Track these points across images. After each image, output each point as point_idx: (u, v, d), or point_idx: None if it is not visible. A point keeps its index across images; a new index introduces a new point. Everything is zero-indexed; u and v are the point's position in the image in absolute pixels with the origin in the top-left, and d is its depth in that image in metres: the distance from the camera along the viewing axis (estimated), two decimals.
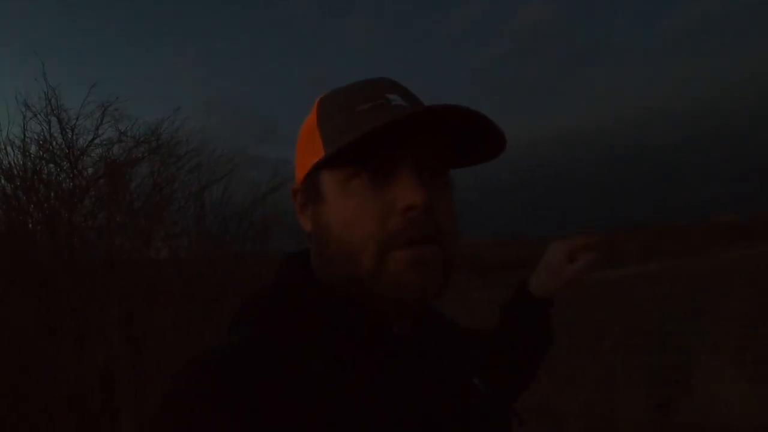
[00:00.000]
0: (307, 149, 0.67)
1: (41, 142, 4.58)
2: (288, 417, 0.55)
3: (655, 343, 6.47)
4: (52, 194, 4.50)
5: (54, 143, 4.62)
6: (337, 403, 0.58)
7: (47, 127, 4.61)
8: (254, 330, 0.64)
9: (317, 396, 0.58)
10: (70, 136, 4.68)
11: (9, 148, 4.49)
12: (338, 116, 0.64)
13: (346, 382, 0.60)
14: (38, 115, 4.56)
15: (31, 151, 4.55)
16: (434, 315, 0.82)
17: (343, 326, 0.64)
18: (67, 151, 4.64)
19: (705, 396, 4.44)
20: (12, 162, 4.48)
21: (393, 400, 0.62)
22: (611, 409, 4.53)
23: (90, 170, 4.83)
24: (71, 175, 4.62)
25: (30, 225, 4.45)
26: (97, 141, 4.84)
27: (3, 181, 4.43)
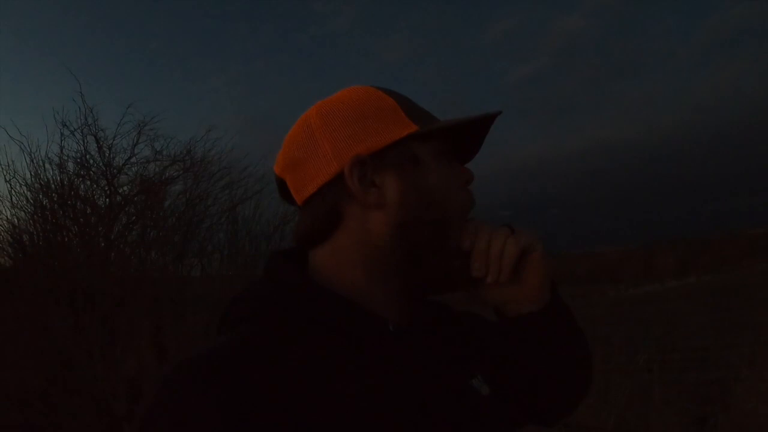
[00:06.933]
0: (381, 122, 0.68)
1: (78, 159, 4.73)
2: (282, 417, 0.55)
3: (692, 359, 6.30)
4: (88, 210, 4.63)
5: (91, 161, 4.78)
6: (332, 402, 0.58)
7: (83, 146, 4.76)
8: (248, 329, 0.64)
9: (312, 396, 0.58)
10: (107, 154, 4.83)
11: (47, 165, 4.65)
12: (410, 102, 0.72)
13: (342, 380, 0.61)
14: (75, 134, 4.71)
15: (68, 168, 4.71)
16: (438, 309, 0.81)
17: (338, 324, 0.64)
18: (104, 168, 4.78)
19: (744, 412, 4.31)
20: (50, 178, 4.64)
21: (388, 399, 0.62)
22: (646, 427, 4.42)
23: (126, 188, 4.97)
24: (108, 192, 4.75)
25: (67, 238, 4.57)
26: (133, 159, 4.98)
27: (40, 195, 4.57)
